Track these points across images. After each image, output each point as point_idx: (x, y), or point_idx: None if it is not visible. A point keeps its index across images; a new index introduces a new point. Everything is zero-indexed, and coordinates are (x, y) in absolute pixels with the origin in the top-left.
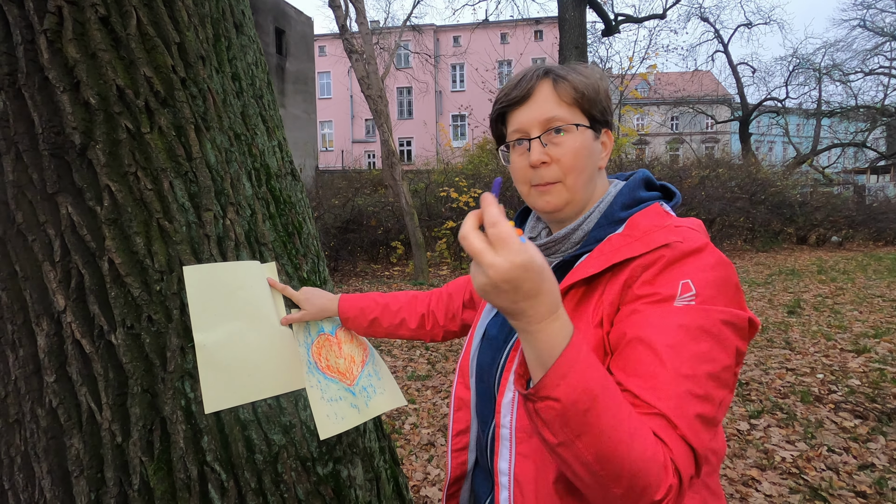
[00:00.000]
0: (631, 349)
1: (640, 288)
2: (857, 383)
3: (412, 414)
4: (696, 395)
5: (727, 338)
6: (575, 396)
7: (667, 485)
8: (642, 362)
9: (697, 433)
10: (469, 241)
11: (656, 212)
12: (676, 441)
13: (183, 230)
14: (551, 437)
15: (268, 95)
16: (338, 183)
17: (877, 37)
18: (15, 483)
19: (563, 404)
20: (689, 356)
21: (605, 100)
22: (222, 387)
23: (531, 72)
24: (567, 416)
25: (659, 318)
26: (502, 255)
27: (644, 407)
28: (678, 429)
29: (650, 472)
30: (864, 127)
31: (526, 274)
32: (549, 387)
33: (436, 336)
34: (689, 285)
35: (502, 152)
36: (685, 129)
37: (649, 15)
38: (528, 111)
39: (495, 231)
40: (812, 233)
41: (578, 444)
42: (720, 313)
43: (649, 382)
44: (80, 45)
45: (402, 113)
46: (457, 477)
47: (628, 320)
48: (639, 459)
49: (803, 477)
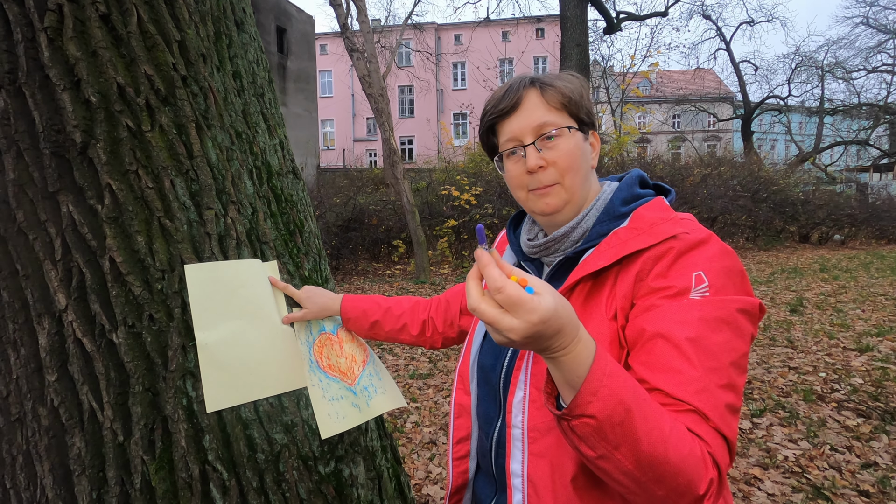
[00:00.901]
0: (653, 345)
1: (654, 280)
2: (860, 382)
3: (414, 412)
4: (722, 386)
5: (743, 325)
6: (609, 411)
7: (708, 479)
8: (667, 358)
9: (728, 423)
10: (482, 312)
11: (660, 205)
12: (711, 434)
13: (184, 228)
14: (589, 452)
15: (269, 93)
16: (339, 181)
17: (880, 34)
18: (17, 482)
19: (598, 420)
20: (712, 348)
21: (589, 103)
22: (224, 386)
23: (516, 82)
24: (603, 431)
25: (678, 312)
26: (519, 318)
27: (675, 404)
28: (711, 421)
29: (690, 469)
30: (867, 125)
31: (545, 325)
32: (582, 405)
33: (435, 343)
34: (703, 277)
35: (497, 163)
36: (687, 127)
37: (651, 13)
38: (519, 120)
39: (504, 297)
40: (814, 231)
41: (617, 454)
42: (735, 302)
43: (677, 378)
44: (80, 43)
45: (404, 111)
46: (458, 486)
47: (646, 315)
48: (678, 459)
49: (806, 476)
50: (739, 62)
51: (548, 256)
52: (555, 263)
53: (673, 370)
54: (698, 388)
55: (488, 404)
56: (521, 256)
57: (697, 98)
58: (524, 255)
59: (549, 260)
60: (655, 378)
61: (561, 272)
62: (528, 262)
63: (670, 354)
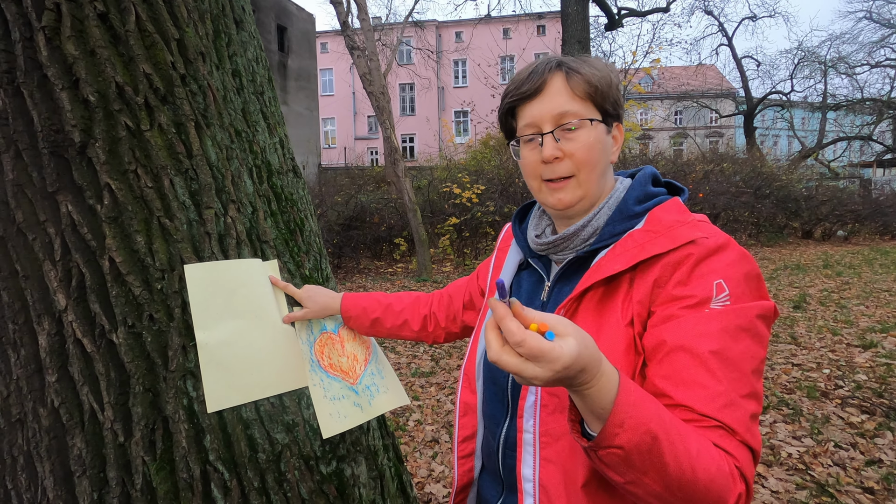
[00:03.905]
0: (675, 358)
1: (674, 288)
2: (864, 378)
3: (416, 411)
4: (745, 396)
5: (762, 331)
6: (637, 440)
7: (736, 493)
8: (691, 372)
9: (753, 433)
10: (504, 364)
11: (677, 207)
12: (738, 447)
13: (184, 228)
14: (618, 478)
15: (269, 92)
16: (340, 180)
17: (883, 28)
18: (18, 483)
19: (625, 450)
20: (734, 359)
21: (617, 93)
22: (224, 385)
23: (543, 64)
24: (631, 459)
25: (699, 324)
26: (543, 367)
27: (702, 420)
28: (738, 434)
29: (719, 486)
30: (870, 120)
31: (568, 370)
32: (610, 437)
33: (438, 338)
34: (723, 285)
35: (513, 147)
36: (689, 123)
37: (652, 8)
38: (541, 105)
39: (525, 350)
40: (817, 227)
41: (646, 479)
42: (754, 309)
43: (702, 393)
44: (78, 42)
45: (405, 109)
46: (464, 485)
47: (666, 326)
48: (707, 479)
49: (810, 473)
50: (742, 58)
51: (557, 255)
52: (565, 262)
53: (698, 385)
54: (724, 403)
55: (495, 404)
56: (529, 253)
57: (699, 94)
58: (531, 251)
59: (559, 258)
60: (679, 394)
61: (571, 271)
62: (535, 258)
63: (694, 368)
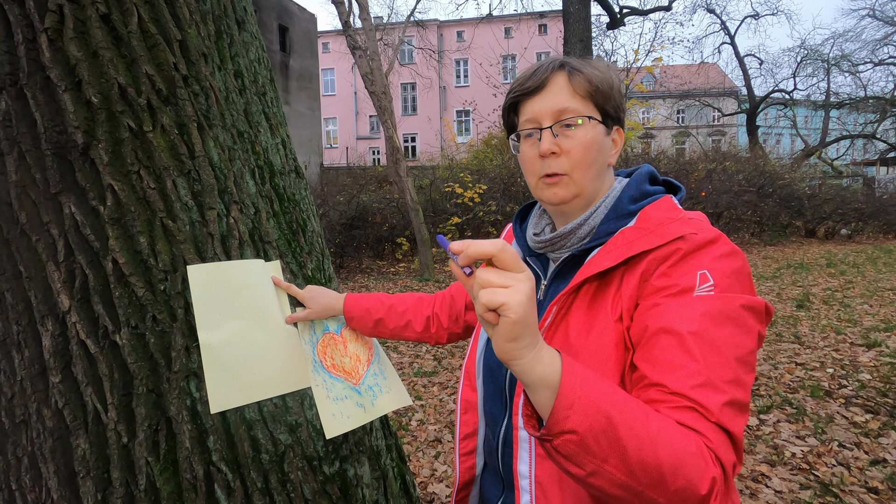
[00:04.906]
0: (656, 340)
1: (658, 280)
2: (868, 378)
3: (419, 411)
4: (726, 381)
5: (748, 321)
6: (589, 421)
7: (709, 476)
8: (669, 352)
9: (732, 418)
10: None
11: (668, 205)
12: (712, 429)
13: (186, 229)
14: (579, 471)
15: (271, 92)
16: (342, 180)
17: (886, 26)
18: (22, 484)
19: (579, 434)
20: (715, 342)
21: (619, 97)
22: (228, 386)
23: (547, 63)
24: (587, 444)
25: (681, 309)
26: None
27: (674, 400)
28: (712, 415)
29: (687, 467)
30: (874, 118)
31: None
32: (561, 420)
33: (440, 338)
34: (707, 276)
35: (513, 142)
36: (691, 122)
37: (654, 7)
38: (542, 101)
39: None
40: (821, 226)
41: (607, 467)
42: (739, 299)
43: (677, 372)
44: (81, 44)
45: (407, 109)
46: (465, 482)
47: (649, 313)
48: (671, 459)
49: (814, 473)
50: (744, 56)
51: (553, 253)
52: (561, 260)
53: (674, 364)
54: (699, 382)
55: (494, 402)
56: (527, 252)
57: (702, 93)
58: (530, 250)
59: (555, 256)
60: (655, 372)
61: (566, 269)
62: (533, 257)
63: (672, 348)
